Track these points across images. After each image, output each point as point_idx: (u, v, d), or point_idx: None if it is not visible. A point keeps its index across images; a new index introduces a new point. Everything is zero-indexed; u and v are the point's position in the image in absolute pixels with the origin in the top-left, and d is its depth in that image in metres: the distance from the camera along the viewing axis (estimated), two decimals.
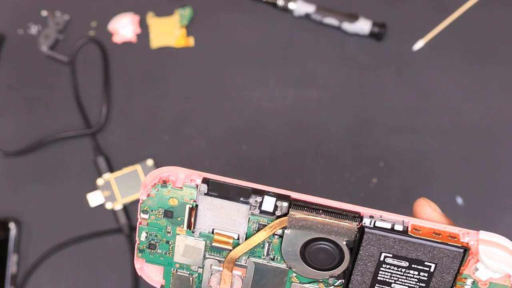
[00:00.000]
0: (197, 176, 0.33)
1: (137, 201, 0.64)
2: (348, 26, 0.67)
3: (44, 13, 0.70)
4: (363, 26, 0.67)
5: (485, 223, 0.62)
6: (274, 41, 0.69)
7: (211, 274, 0.35)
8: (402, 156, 0.65)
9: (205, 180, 0.33)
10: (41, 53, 0.69)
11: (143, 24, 0.70)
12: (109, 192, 0.64)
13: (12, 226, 0.63)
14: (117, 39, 0.69)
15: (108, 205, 0.64)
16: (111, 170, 0.65)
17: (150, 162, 0.65)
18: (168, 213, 0.34)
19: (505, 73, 0.66)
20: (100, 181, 0.64)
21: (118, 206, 0.64)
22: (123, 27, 0.69)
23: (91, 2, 0.71)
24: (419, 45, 0.67)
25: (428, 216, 0.33)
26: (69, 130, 0.66)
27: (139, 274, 0.36)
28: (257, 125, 0.66)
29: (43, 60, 0.69)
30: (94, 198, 0.64)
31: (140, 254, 0.35)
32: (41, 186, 0.65)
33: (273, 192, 0.32)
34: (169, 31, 0.69)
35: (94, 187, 0.65)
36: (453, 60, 0.67)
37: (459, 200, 0.63)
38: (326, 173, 0.64)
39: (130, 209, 0.65)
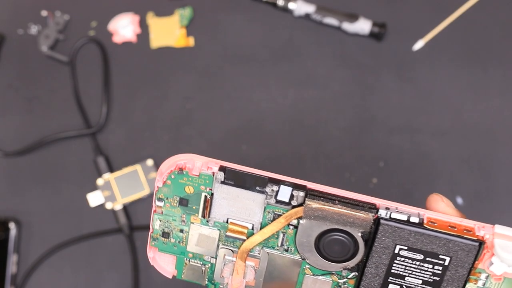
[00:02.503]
0: (214, 164, 0.32)
1: (137, 201, 0.64)
2: (348, 26, 0.67)
3: (44, 13, 0.70)
4: (363, 26, 0.67)
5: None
6: (274, 41, 0.69)
7: (224, 265, 0.35)
8: (402, 156, 0.65)
9: (222, 168, 0.32)
10: (41, 53, 0.69)
11: (143, 24, 0.70)
12: (109, 192, 0.64)
13: (12, 226, 0.63)
14: (117, 39, 0.69)
15: (108, 205, 0.64)
16: (111, 170, 0.65)
17: (150, 162, 0.65)
18: (183, 201, 0.34)
19: (505, 73, 0.66)
20: (100, 181, 0.64)
21: (118, 206, 0.64)
22: (123, 27, 0.69)
23: (91, 2, 0.71)
24: (419, 45, 0.67)
25: (442, 211, 0.33)
26: (69, 130, 0.66)
27: (152, 264, 0.35)
28: (257, 125, 0.66)
29: (43, 60, 0.69)
30: (94, 198, 0.64)
31: (153, 243, 0.35)
32: (41, 186, 0.65)
33: (290, 182, 0.32)
34: (169, 31, 0.69)
35: (94, 187, 0.65)
36: (453, 60, 0.67)
37: (459, 200, 0.63)
38: (326, 173, 0.64)
39: (130, 209, 0.65)
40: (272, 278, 0.35)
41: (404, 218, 0.31)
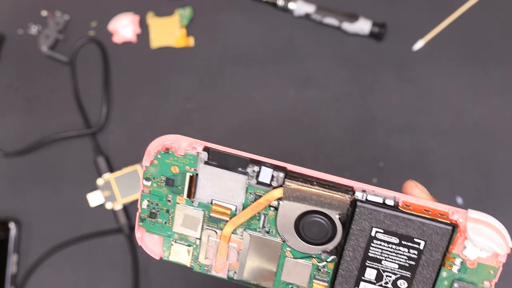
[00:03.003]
0: (199, 145, 0.34)
1: (137, 201, 0.64)
2: (348, 26, 0.67)
3: (44, 13, 0.70)
4: (363, 26, 0.67)
5: None
6: (274, 41, 0.69)
7: (208, 246, 0.35)
8: (402, 156, 0.65)
9: (205, 149, 0.34)
10: (41, 53, 0.69)
11: (143, 24, 0.70)
12: (109, 192, 0.64)
13: (12, 226, 0.63)
14: (117, 39, 0.69)
15: (108, 205, 0.64)
16: (111, 170, 0.65)
17: None
18: (169, 181, 0.34)
19: (505, 73, 0.66)
20: (100, 181, 0.64)
21: (118, 206, 0.64)
22: (123, 27, 0.69)
23: (91, 2, 0.71)
24: (419, 45, 0.67)
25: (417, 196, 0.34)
26: (69, 130, 0.66)
27: (139, 244, 0.36)
28: (257, 125, 0.66)
29: (43, 60, 0.69)
30: (94, 198, 0.64)
31: (141, 223, 0.36)
32: (41, 186, 0.65)
33: (270, 163, 0.33)
34: (169, 31, 0.69)
35: (94, 187, 0.65)
36: (453, 60, 0.67)
37: (459, 200, 0.63)
38: (326, 173, 0.64)
39: (130, 209, 0.65)
40: (255, 260, 0.35)
41: (380, 200, 0.32)
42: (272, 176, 0.33)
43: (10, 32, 0.70)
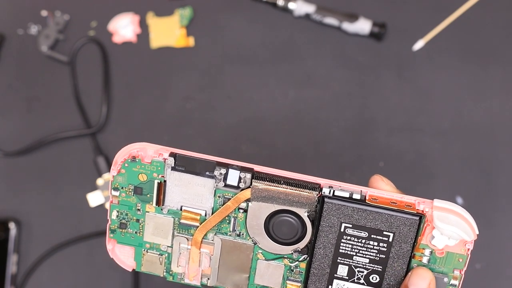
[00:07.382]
0: (165, 151, 0.34)
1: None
2: (348, 26, 0.67)
3: (44, 13, 0.70)
4: (363, 26, 0.67)
5: (485, 223, 0.62)
6: (274, 41, 0.69)
7: (180, 253, 0.35)
8: (402, 156, 0.65)
9: (172, 154, 0.34)
10: (41, 53, 0.69)
11: (143, 24, 0.70)
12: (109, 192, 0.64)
13: (12, 226, 0.63)
14: (117, 39, 0.69)
15: (108, 205, 0.64)
16: None
17: None
18: (138, 190, 0.34)
19: (505, 73, 0.66)
20: (100, 181, 0.64)
21: None
22: (123, 27, 0.69)
23: (91, 2, 0.71)
24: (419, 45, 0.67)
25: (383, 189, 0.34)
26: (69, 130, 0.66)
27: (111, 257, 0.36)
28: (257, 125, 0.66)
29: (43, 60, 0.69)
30: (94, 198, 0.64)
31: (111, 235, 0.36)
32: (41, 186, 0.65)
33: (237, 165, 0.33)
34: (169, 31, 0.69)
35: (94, 187, 0.65)
36: (453, 60, 0.67)
37: (459, 200, 0.63)
38: (326, 173, 0.64)
39: None
40: (227, 265, 0.35)
41: (347, 195, 0.32)
42: (240, 178, 0.33)
43: (10, 32, 0.70)
